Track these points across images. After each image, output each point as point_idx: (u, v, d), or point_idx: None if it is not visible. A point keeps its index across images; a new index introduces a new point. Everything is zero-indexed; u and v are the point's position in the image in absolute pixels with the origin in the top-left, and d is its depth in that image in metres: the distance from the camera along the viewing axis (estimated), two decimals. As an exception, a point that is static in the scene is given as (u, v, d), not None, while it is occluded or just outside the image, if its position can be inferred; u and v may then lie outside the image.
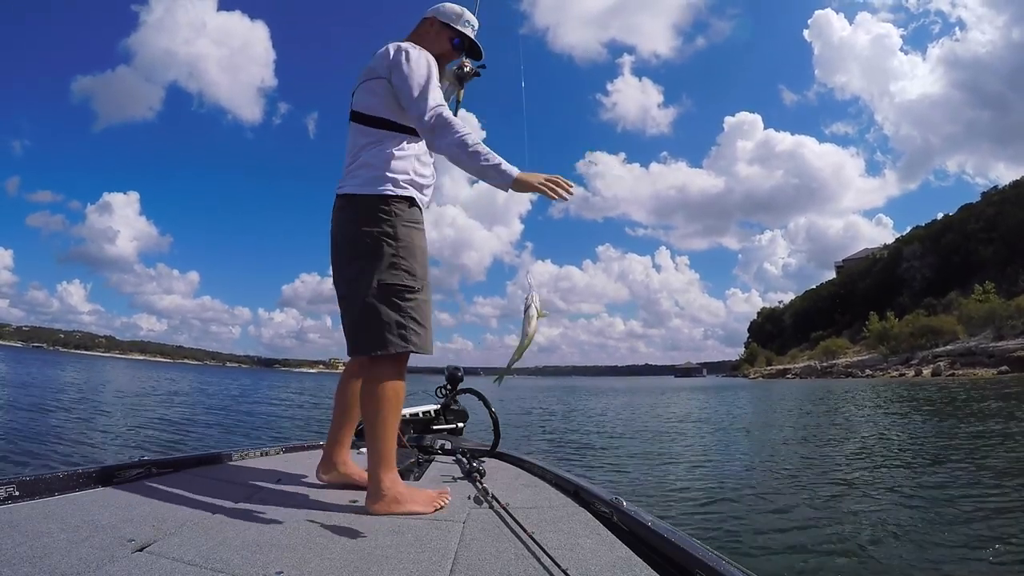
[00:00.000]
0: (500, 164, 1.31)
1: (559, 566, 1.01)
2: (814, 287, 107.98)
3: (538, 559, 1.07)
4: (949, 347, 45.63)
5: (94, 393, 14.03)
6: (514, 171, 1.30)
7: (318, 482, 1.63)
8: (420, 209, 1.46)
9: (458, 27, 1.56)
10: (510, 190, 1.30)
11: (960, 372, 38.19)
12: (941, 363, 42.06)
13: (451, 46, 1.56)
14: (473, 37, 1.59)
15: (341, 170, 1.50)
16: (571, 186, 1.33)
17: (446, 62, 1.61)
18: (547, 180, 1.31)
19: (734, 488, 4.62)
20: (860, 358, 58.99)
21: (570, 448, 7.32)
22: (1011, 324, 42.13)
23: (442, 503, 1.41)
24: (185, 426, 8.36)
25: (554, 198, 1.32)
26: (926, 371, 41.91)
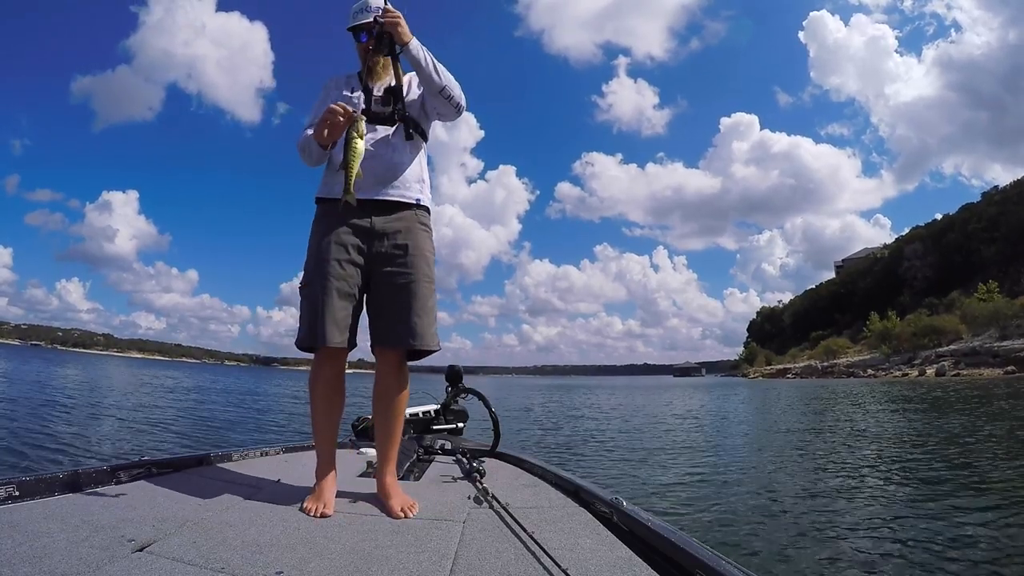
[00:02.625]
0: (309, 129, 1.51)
1: (559, 566, 1.01)
2: (813, 287, 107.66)
3: (538, 559, 1.07)
4: (953, 347, 45.35)
5: (92, 392, 14.04)
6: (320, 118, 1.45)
7: None
8: (325, 200, 1.52)
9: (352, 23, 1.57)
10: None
11: (965, 372, 37.81)
12: (945, 363, 41.77)
13: (360, 43, 1.56)
14: (354, 24, 1.55)
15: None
16: (345, 112, 1.40)
17: (364, 60, 1.56)
18: (332, 109, 1.40)
19: (735, 488, 4.62)
20: (861, 358, 58.76)
21: (570, 448, 7.32)
22: (1016, 324, 41.79)
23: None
24: (185, 426, 8.37)
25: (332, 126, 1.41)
26: (930, 371, 41.65)
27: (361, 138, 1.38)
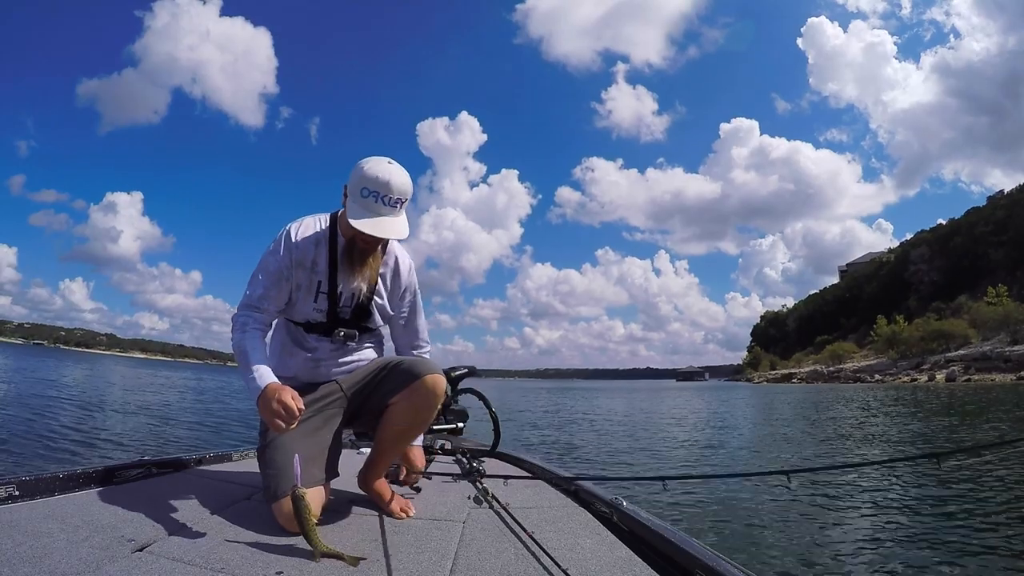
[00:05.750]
0: (249, 375, 1.22)
1: (559, 566, 1.01)
2: (818, 291, 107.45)
3: (538, 559, 1.07)
4: (962, 352, 44.79)
5: (93, 392, 14.04)
6: (259, 387, 1.20)
7: None
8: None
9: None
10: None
11: (976, 377, 37.38)
12: (955, 368, 41.23)
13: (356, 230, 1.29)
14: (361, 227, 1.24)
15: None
16: (293, 420, 1.15)
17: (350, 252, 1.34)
18: (276, 411, 1.14)
19: (736, 489, 4.58)
20: (868, 363, 58.30)
21: (570, 448, 7.29)
22: (1028, 328, 41.33)
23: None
24: (185, 426, 8.38)
25: (273, 429, 1.18)
26: (939, 376, 41.17)
27: (312, 515, 1.09)
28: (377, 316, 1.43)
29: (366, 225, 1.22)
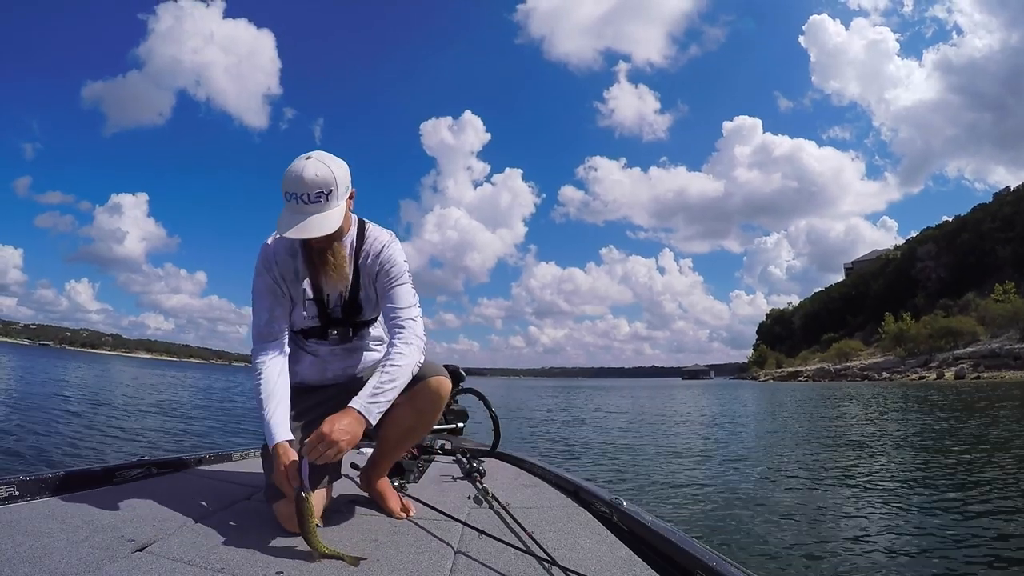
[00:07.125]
0: (265, 422, 1.22)
1: (559, 566, 1.01)
2: (823, 289, 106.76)
3: (538, 559, 1.06)
4: (971, 349, 44.50)
5: (96, 392, 14.11)
6: (273, 440, 1.19)
7: None
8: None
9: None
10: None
11: (986, 375, 37.06)
12: (964, 365, 40.95)
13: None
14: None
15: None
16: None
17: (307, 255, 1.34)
18: (284, 473, 1.14)
19: (735, 488, 4.57)
20: (875, 360, 57.92)
21: (570, 448, 7.28)
22: (1037, 325, 40.97)
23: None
24: (186, 426, 8.43)
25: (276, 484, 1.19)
26: (948, 373, 40.91)
27: (313, 516, 1.10)
28: (367, 308, 1.42)
29: (290, 232, 1.20)
